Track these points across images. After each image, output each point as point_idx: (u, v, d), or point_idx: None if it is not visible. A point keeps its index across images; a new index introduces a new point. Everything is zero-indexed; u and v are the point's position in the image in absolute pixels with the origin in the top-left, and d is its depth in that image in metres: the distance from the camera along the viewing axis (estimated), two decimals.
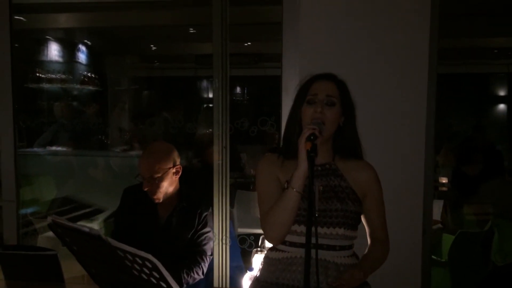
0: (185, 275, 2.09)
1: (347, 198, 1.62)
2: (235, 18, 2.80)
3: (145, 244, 1.75)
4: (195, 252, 2.20)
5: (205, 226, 2.24)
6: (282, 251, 1.64)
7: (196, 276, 2.16)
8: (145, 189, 2.13)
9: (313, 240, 1.45)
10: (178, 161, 2.24)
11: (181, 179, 2.26)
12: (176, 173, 2.20)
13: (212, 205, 2.33)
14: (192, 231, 2.22)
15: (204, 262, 2.20)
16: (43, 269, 1.60)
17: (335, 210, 1.59)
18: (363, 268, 1.57)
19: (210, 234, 2.26)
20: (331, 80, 1.66)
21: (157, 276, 1.14)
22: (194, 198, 2.29)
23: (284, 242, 1.63)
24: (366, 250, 1.70)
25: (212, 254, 2.28)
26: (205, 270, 2.21)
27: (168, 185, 2.17)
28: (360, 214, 1.67)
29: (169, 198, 2.20)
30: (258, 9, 3.90)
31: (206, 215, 2.25)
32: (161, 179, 2.12)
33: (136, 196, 2.25)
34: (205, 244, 2.23)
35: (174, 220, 2.21)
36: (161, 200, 2.18)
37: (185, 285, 2.12)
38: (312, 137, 1.48)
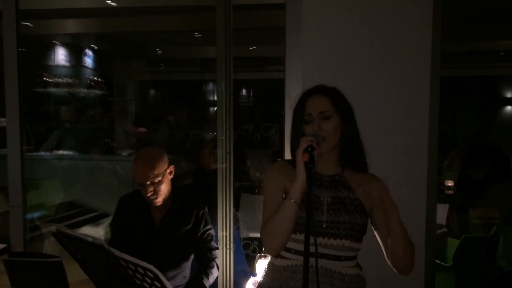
0: (206, 278, 2.16)
1: (355, 211, 1.61)
2: (239, 23, 2.82)
3: (142, 248, 1.78)
4: (205, 251, 2.26)
5: (206, 223, 2.29)
6: (287, 258, 1.64)
7: (215, 274, 2.23)
8: (148, 194, 2.16)
9: (313, 249, 1.46)
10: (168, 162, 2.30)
11: (172, 181, 2.31)
12: (170, 173, 2.26)
13: (206, 205, 2.36)
14: (188, 230, 2.25)
15: (216, 257, 2.27)
16: (48, 276, 1.62)
17: (342, 222, 1.59)
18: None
19: (212, 231, 2.32)
20: (321, 93, 1.65)
21: (159, 286, 1.15)
22: (187, 199, 2.34)
23: (289, 250, 1.64)
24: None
25: (218, 248, 2.34)
26: (218, 264, 2.29)
27: (166, 187, 2.22)
28: (366, 227, 1.65)
29: (163, 200, 2.24)
30: (262, 14, 3.92)
31: (203, 212, 2.29)
32: (161, 182, 2.17)
33: (130, 203, 2.31)
34: (210, 241, 2.29)
35: (168, 222, 2.25)
36: (161, 203, 2.22)
37: (208, 286, 2.18)
38: (309, 149, 1.47)
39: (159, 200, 2.20)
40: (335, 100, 1.64)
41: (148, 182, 2.14)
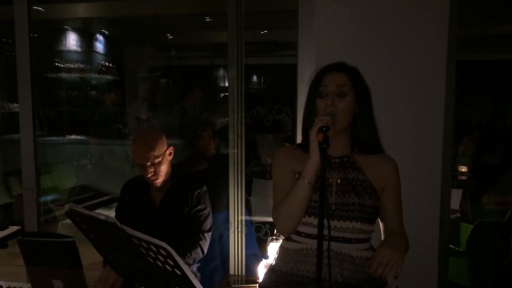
0: (181, 257, 2.13)
1: (365, 192, 1.59)
2: (250, 6, 2.78)
3: (143, 230, 1.80)
4: (191, 232, 2.25)
5: (198, 203, 2.28)
6: (298, 242, 1.64)
7: (196, 256, 2.21)
8: (149, 175, 2.19)
9: (327, 232, 1.44)
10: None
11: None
12: (169, 154, 2.28)
13: (206, 185, 2.36)
14: (187, 210, 2.26)
15: (203, 240, 2.24)
16: (62, 256, 1.64)
17: (351, 204, 1.57)
18: (389, 243, 1.48)
19: (205, 211, 2.30)
20: (341, 70, 1.62)
21: (172, 263, 1.15)
22: (186, 179, 2.35)
23: (300, 234, 1.63)
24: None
25: (210, 230, 2.31)
26: (205, 248, 2.25)
27: (165, 168, 2.24)
28: (378, 208, 1.63)
29: (164, 181, 2.26)
30: None
31: (199, 192, 2.29)
32: (161, 163, 2.20)
33: (131, 188, 2.35)
34: (202, 222, 2.27)
35: (168, 202, 2.27)
36: (162, 184, 2.25)
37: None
38: (324, 129, 1.45)
39: (160, 181, 2.23)
40: (354, 79, 1.61)
41: (148, 163, 2.16)
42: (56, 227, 3.52)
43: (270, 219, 1.68)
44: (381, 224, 1.69)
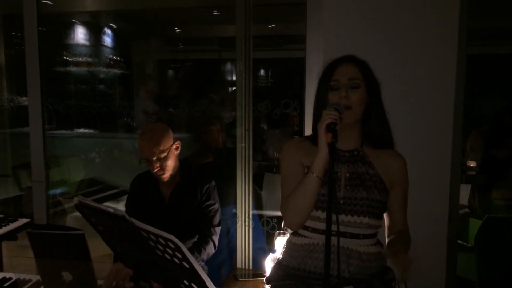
0: (197, 254, 2.16)
1: (374, 187, 1.59)
2: None
3: (153, 224, 1.82)
4: (202, 227, 2.26)
5: (208, 198, 2.29)
6: (305, 236, 1.63)
7: (209, 251, 2.23)
8: (155, 170, 2.19)
9: (335, 228, 1.43)
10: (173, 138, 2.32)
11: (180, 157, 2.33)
12: (176, 149, 2.28)
13: (214, 179, 2.37)
14: (196, 205, 2.27)
15: (214, 235, 2.26)
16: (71, 248, 1.65)
17: (360, 198, 1.57)
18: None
19: (215, 206, 2.31)
20: (352, 62, 1.61)
21: (180, 256, 1.15)
22: (194, 173, 2.36)
23: (307, 228, 1.62)
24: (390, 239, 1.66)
25: (220, 224, 2.32)
26: (216, 243, 2.27)
27: (172, 162, 2.24)
28: (386, 204, 1.62)
29: (171, 176, 2.27)
30: None
31: (208, 187, 2.30)
32: (167, 158, 2.20)
33: (141, 182, 2.36)
34: (212, 217, 2.29)
35: (177, 197, 2.28)
36: (169, 178, 2.25)
37: (201, 262, 2.19)
38: (332, 126, 1.44)
39: (166, 176, 2.23)
40: (365, 71, 1.60)
41: (154, 158, 2.17)
42: (64, 220, 3.54)
43: (279, 213, 1.67)
44: (385, 220, 1.68)
